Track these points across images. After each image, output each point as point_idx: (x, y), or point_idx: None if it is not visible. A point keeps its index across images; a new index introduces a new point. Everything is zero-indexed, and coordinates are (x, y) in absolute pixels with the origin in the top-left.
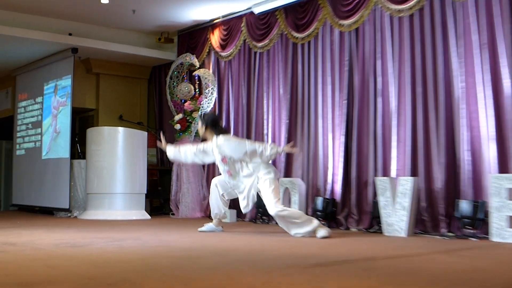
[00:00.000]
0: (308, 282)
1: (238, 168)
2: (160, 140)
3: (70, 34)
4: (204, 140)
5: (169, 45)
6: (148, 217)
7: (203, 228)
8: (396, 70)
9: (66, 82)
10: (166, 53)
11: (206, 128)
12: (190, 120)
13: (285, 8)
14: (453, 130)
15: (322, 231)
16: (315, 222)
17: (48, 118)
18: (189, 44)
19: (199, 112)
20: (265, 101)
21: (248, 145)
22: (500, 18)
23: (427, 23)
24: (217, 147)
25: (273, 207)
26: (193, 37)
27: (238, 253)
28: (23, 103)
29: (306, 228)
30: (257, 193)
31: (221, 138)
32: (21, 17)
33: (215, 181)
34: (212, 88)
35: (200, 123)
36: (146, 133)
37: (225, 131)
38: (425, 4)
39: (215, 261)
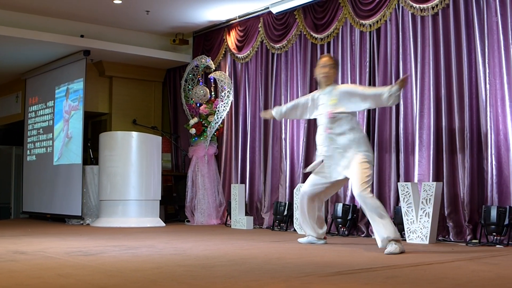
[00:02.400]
0: None
1: (342, 130)
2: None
3: (82, 36)
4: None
5: (184, 47)
6: (163, 224)
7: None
8: (419, 72)
9: (78, 85)
10: (181, 55)
11: (335, 68)
12: (205, 124)
13: (304, 7)
14: (478, 133)
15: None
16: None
17: (60, 122)
18: (204, 46)
19: (215, 116)
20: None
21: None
22: None
23: (451, 22)
24: (332, 92)
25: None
26: (208, 38)
27: (255, 261)
28: (34, 108)
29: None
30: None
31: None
32: (30, 18)
33: (305, 192)
34: (228, 91)
35: (331, 62)
36: (160, 137)
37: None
38: (449, 2)
39: (232, 269)
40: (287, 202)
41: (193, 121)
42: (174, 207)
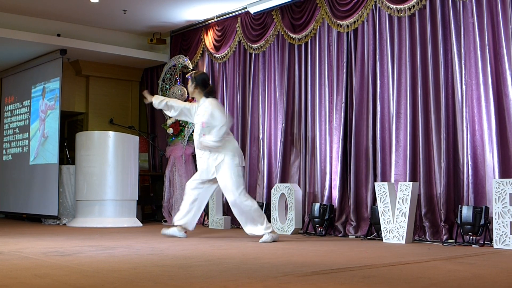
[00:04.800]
0: None
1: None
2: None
3: (58, 35)
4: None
5: (162, 46)
6: (140, 224)
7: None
8: (396, 72)
9: (55, 84)
10: (159, 55)
11: (195, 87)
12: (183, 124)
13: (281, 8)
14: (454, 133)
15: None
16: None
17: (36, 122)
18: (182, 45)
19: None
20: (260, 104)
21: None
22: (503, 18)
23: (428, 23)
24: (201, 108)
25: (232, 193)
26: (186, 38)
27: (232, 261)
28: (10, 107)
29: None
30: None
31: (208, 101)
32: (6, 17)
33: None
34: None
35: (190, 81)
36: (137, 137)
37: (213, 93)
38: (426, 3)
39: (209, 269)
40: (264, 202)
41: (170, 121)
42: (151, 207)
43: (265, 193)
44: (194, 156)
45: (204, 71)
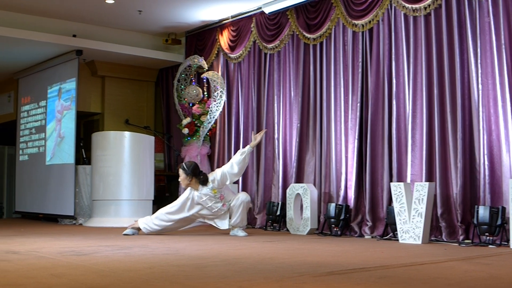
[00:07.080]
0: None
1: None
2: None
3: (74, 36)
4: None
5: (177, 47)
6: None
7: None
8: (411, 72)
9: (71, 85)
10: (174, 55)
11: (192, 178)
12: (198, 124)
13: (296, 7)
14: (470, 133)
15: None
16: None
17: (52, 122)
18: (197, 46)
19: (208, 116)
20: (275, 104)
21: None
22: None
23: (443, 23)
24: (212, 189)
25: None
26: (201, 38)
27: (248, 261)
28: (26, 107)
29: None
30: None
31: (209, 188)
32: (23, 18)
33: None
34: (221, 91)
35: (183, 173)
36: (153, 137)
37: (207, 181)
38: (441, 3)
39: (225, 269)
40: (280, 202)
41: (185, 121)
42: None
43: (281, 193)
44: (209, 156)
45: (219, 71)
